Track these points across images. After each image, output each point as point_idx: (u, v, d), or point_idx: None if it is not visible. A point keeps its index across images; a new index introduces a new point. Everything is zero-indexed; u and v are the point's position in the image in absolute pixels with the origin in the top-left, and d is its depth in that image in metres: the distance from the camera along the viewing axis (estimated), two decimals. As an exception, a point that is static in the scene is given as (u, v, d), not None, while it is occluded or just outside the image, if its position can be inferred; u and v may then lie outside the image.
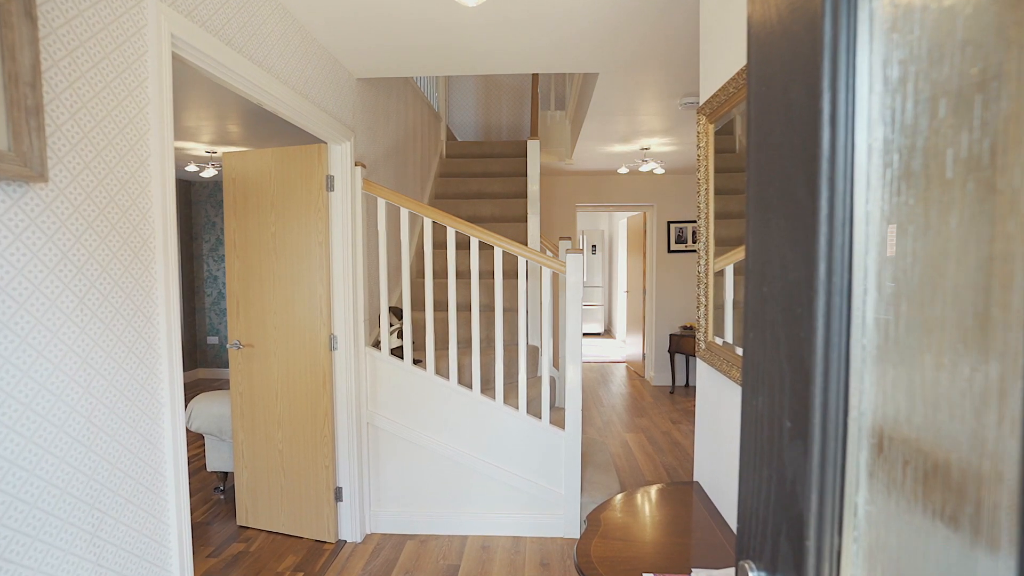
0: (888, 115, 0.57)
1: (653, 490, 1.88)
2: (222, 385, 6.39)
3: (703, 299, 1.77)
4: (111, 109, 1.28)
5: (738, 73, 1.39)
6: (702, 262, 1.76)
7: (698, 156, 1.75)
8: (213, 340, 6.85)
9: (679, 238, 6.53)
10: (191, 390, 6.24)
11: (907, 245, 0.54)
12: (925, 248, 0.53)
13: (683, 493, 1.84)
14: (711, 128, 1.68)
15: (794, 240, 0.72)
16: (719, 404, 1.74)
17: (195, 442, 4.40)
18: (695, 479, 1.95)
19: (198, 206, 6.78)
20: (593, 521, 1.63)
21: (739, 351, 1.65)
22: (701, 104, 1.75)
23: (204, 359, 6.87)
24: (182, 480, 1.51)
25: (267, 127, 4.23)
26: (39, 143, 1.01)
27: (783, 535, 0.74)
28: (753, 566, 0.77)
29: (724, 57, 1.61)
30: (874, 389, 0.60)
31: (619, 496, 1.81)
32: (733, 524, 1.64)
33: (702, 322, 1.79)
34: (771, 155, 0.77)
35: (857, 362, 0.62)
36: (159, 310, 1.44)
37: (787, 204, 0.73)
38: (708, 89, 1.74)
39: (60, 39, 1.13)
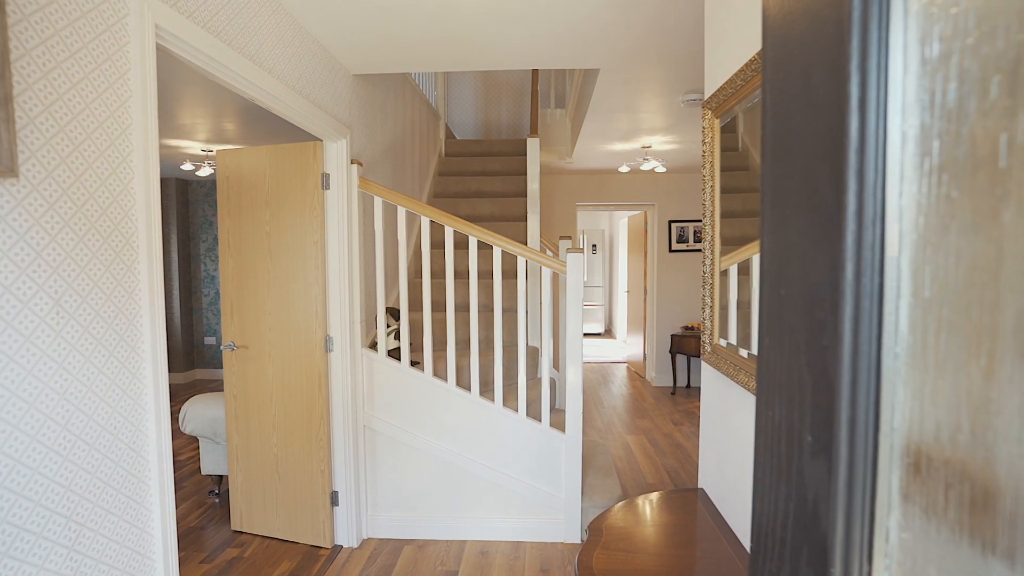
0: (926, 98, 0.51)
1: (657, 497, 1.82)
2: (219, 386, 6.34)
3: (708, 300, 1.71)
4: (90, 102, 1.22)
5: (746, 64, 1.34)
6: (707, 262, 1.70)
7: (703, 152, 1.69)
8: (210, 340, 6.79)
9: (680, 237, 6.47)
10: (188, 391, 6.19)
11: (950, 242, 0.49)
12: (972, 245, 0.47)
13: (687, 501, 1.78)
14: (717, 123, 1.63)
15: (816, 238, 0.66)
16: (725, 409, 1.68)
17: (190, 444, 4.34)
18: (700, 486, 1.89)
19: (195, 205, 6.72)
20: (595, 531, 1.58)
21: (743, 353, 1.60)
22: (706, 98, 1.70)
23: (201, 360, 6.82)
24: (167, 489, 1.46)
25: (264, 125, 4.17)
26: (8, 136, 0.96)
27: (804, 559, 0.68)
28: (771, 592, 0.71)
29: (730, 48, 1.55)
30: (909, 403, 0.54)
31: (622, 504, 1.75)
32: (740, 534, 1.58)
33: (708, 324, 1.73)
34: (790, 146, 0.71)
35: (889, 373, 0.57)
36: (143, 311, 1.39)
37: (808, 199, 0.67)
38: (714, 83, 1.68)
39: (33, 26, 1.08)
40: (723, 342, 1.69)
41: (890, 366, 0.62)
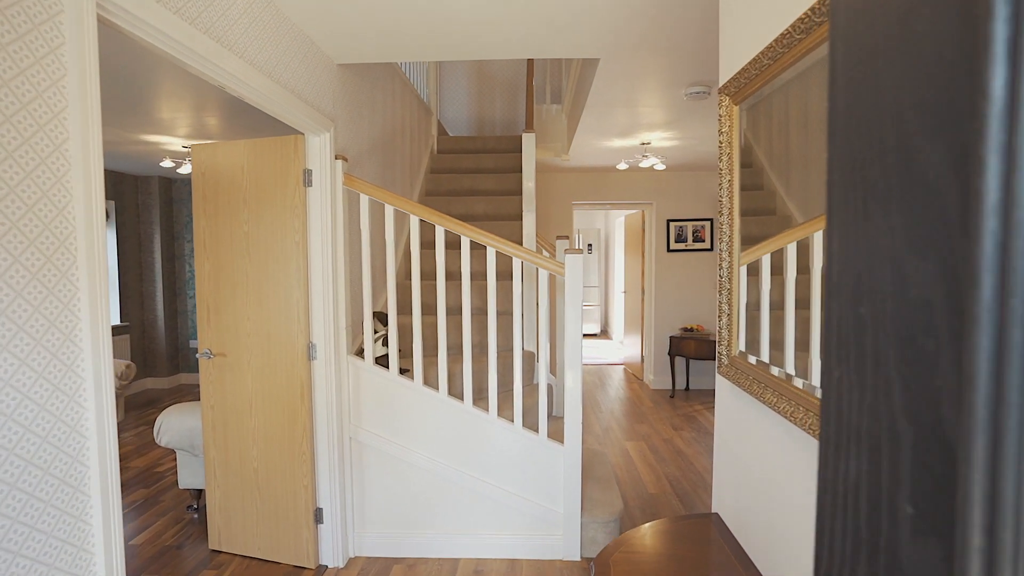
0: None
1: (667, 524, 1.66)
2: (204, 391, 6.13)
3: (725, 306, 1.55)
4: (8, 79, 1.04)
5: (776, 40, 1.17)
6: (724, 264, 1.53)
7: (720, 144, 1.53)
8: (195, 344, 6.58)
9: (679, 237, 6.32)
10: (173, 396, 5.99)
11: None
12: None
13: (701, 528, 1.62)
14: (736, 110, 1.46)
15: (921, 240, 0.49)
16: (746, 429, 1.51)
17: (168, 456, 4.15)
18: (714, 510, 1.73)
19: (179, 204, 6.51)
20: (601, 566, 1.41)
21: (752, 359, 1.44)
22: (723, 83, 1.53)
23: (187, 364, 6.61)
24: (115, 542, 1.27)
25: (246, 120, 3.97)
26: None
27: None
28: None
29: (754, 22, 1.39)
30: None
31: (629, 533, 1.58)
32: (760, 565, 1.42)
33: (724, 333, 1.56)
34: (876, 120, 0.54)
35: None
36: (82, 325, 1.20)
37: (907, 187, 0.50)
38: (731, 65, 1.51)
39: (-73, -15, 0.89)
40: (738, 352, 1.53)
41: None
